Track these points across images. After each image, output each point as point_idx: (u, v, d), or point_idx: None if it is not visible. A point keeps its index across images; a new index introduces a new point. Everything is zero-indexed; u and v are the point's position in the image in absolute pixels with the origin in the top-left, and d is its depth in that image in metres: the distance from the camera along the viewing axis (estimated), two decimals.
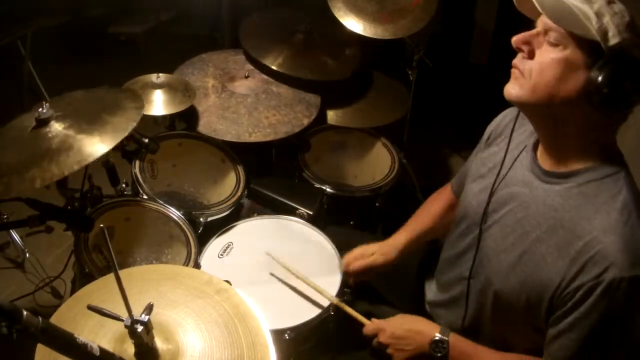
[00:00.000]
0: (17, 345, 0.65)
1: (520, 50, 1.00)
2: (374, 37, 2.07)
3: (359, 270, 1.45)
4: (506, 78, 1.04)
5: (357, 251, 1.48)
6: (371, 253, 1.47)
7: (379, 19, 2.09)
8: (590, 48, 0.92)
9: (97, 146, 1.30)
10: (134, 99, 1.50)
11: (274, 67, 2.02)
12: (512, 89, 1.01)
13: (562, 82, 0.95)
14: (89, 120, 1.38)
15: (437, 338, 1.16)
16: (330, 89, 2.08)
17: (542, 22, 0.97)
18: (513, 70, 1.02)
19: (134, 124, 1.38)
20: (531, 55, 0.99)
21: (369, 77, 2.30)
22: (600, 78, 0.90)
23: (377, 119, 2.12)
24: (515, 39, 1.00)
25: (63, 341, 0.69)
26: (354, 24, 2.08)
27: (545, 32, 0.97)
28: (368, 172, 2.10)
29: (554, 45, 0.95)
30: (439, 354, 1.15)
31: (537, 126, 1.08)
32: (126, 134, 1.35)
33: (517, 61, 1.01)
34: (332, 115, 2.10)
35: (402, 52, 2.35)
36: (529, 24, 1.01)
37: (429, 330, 1.19)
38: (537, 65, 0.97)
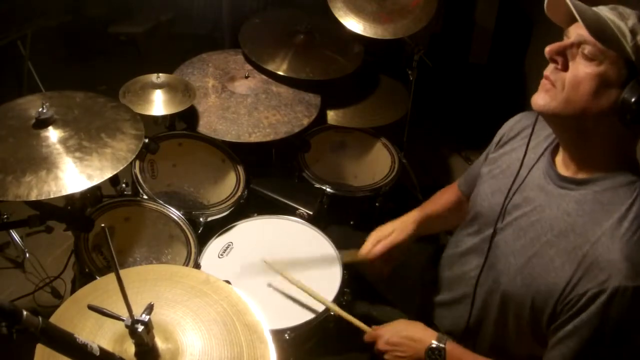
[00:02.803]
0: (17, 345, 0.65)
1: (554, 61, 0.99)
2: (374, 37, 2.07)
3: (382, 253, 1.41)
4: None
5: (373, 236, 1.44)
6: (388, 233, 1.42)
7: (379, 19, 2.09)
8: (625, 66, 0.92)
9: (95, 172, 1.31)
10: (134, 123, 1.49)
11: (279, 73, 2.03)
12: (542, 100, 1.00)
13: (596, 98, 0.94)
14: (89, 137, 1.39)
15: (433, 345, 1.15)
16: (330, 89, 2.08)
17: (577, 33, 0.96)
18: (544, 82, 1.01)
19: (133, 156, 1.39)
20: (565, 68, 0.97)
21: (369, 77, 2.30)
22: (633, 98, 0.91)
23: (377, 119, 2.12)
24: (549, 50, 0.98)
25: (63, 341, 0.69)
26: (354, 24, 2.08)
27: (579, 44, 0.95)
28: (368, 172, 2.10)
29: (589, 59, 0.94)
30: None
31: (561, 136, 1.08)
32: (124, 165, 1.36)
33: (548, 72, 1.00)
34: (332, 115, 2.10)
35: (402, 52, 2.35)
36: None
37: (425, 337, 1.18)
38: (571, 78, 0.96)
